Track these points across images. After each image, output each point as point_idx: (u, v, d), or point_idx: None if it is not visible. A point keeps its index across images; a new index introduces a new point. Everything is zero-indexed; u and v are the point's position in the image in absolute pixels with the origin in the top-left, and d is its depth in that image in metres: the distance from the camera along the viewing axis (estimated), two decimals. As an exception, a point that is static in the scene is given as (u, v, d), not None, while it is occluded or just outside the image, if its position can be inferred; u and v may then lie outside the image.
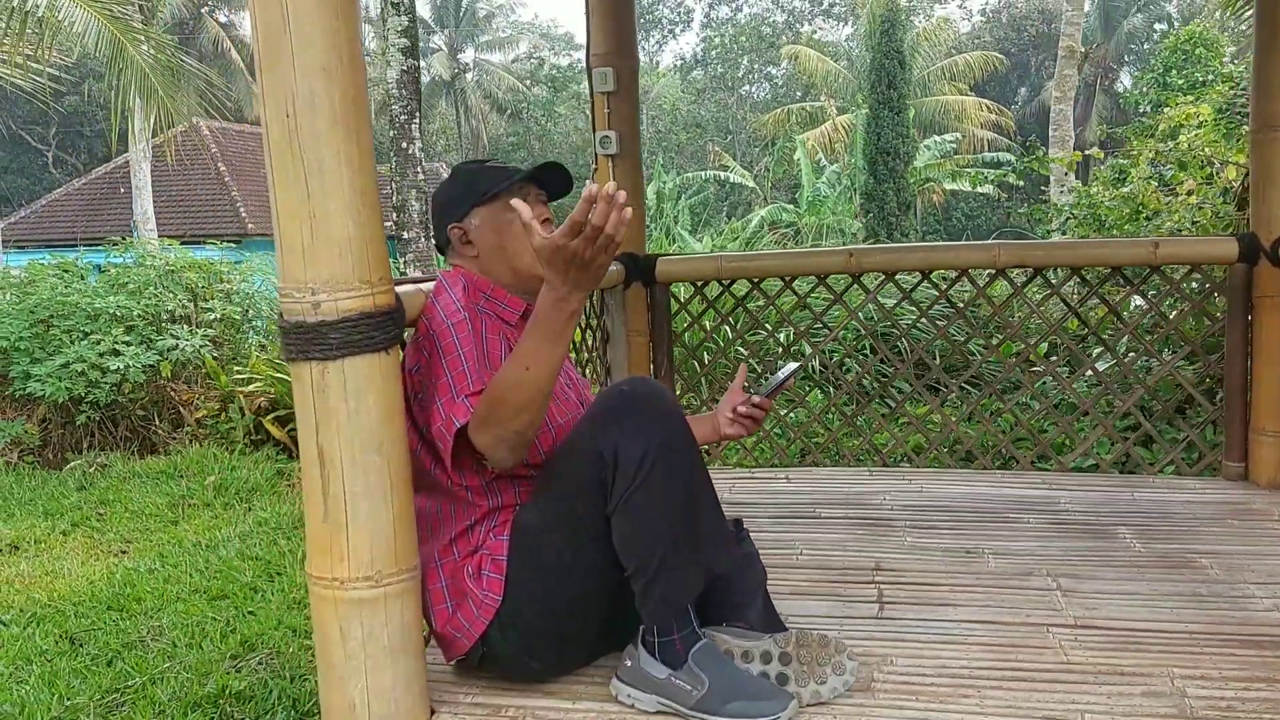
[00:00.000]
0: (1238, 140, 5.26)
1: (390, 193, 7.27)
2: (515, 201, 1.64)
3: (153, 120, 9.01)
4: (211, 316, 6.97)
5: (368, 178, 1.68)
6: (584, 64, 3.63)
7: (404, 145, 6.76)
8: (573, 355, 3.27)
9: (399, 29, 6.53)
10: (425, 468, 1.90)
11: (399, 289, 1.90)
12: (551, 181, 2.07)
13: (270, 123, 1.62)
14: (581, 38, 3.70)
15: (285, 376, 6.22)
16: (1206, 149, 5.37)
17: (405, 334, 2.01)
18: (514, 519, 1.86)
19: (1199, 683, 1.93)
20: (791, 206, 21.37)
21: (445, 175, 2.16)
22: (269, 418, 6.59)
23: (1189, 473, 3.52)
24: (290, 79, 1.60)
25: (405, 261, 7.00)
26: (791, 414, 4.61)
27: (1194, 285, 3.57)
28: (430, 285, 2.02)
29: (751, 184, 26.20)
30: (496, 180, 1.99)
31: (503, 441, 1.73)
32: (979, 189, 22.19)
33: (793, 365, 2.20)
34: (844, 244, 19.07)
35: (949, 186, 23.39)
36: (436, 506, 1.91)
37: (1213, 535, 2.82)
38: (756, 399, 2.14)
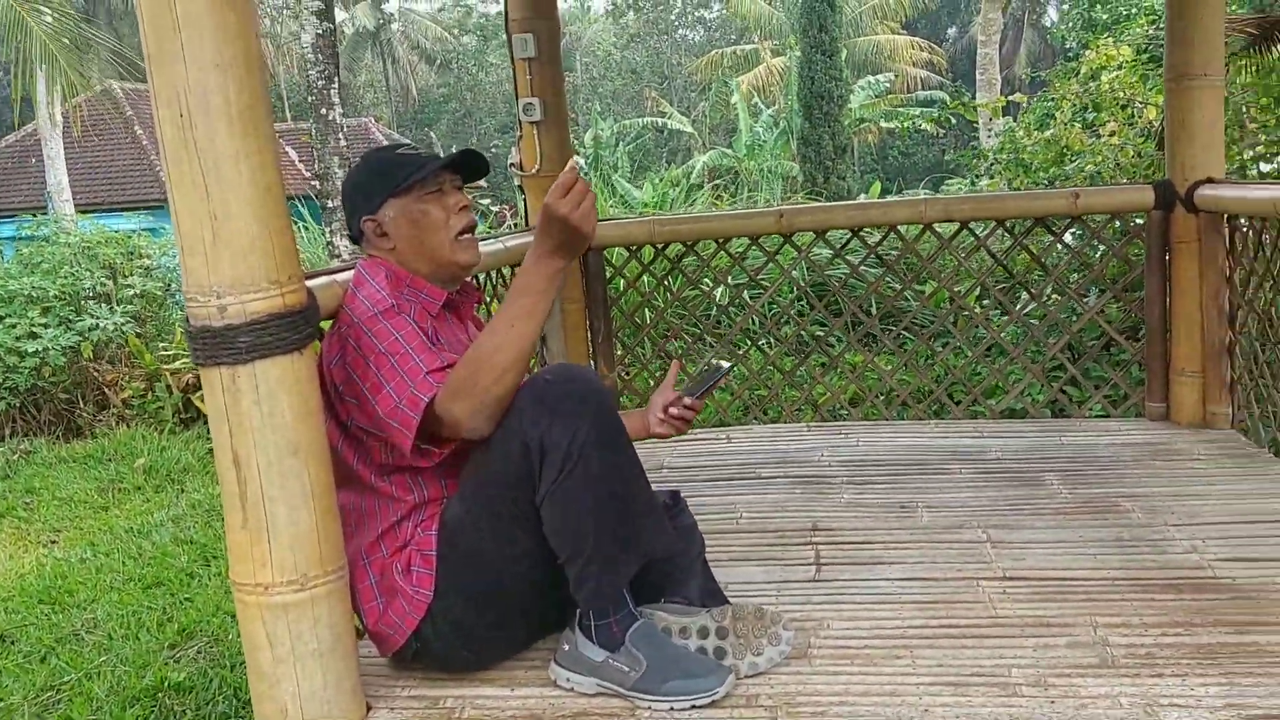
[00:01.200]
0: (1157, 81, 5.33)
1: (312, 160, 7.10)
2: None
3: (59, 88, 8.67)
4: (132, 293, 6.79)
5: (271, 173, 1.63)
6: (504, 8, 3.54)
7: (324, 111, 6.57)
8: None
9: (312, -10, 6.34)
10: (348, 463, 1.87)
11: (312, 283, 1.86)
12: (467, 168, 2.03)
13: (163, 123, 1.57)
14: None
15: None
16: (1127, 90, 5.43)
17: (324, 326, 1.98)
18: (441, 513, 1.85)
19: (1120, 630, 1.98)
20: (730, 151, 21.29)
21: (373, 129, 2.12)
22: (198, 395, 6.46)
23: (1114, 414, 3.61)
24: (183, 77, 1.54)
25: (331, 230, 6.86)
26: (734, 368, 4.64)
27: (1115, 229, 3.63)
28: (346, 276, 1.98)
29: (690, 129, 26.05)
30: (409, 170, 1.94)
31: (483, 409, 1.72)
32: (914, 128, 22.29)
33: (725, 366, 2.19)
34: (783, 188, 19.11)
35: (884, 125, 23.47)
36: (361, 503, 1.89)
37: (1135, 478, 2.89)
38: (687, 400, 2.13)
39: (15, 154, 19.17)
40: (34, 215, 7.81)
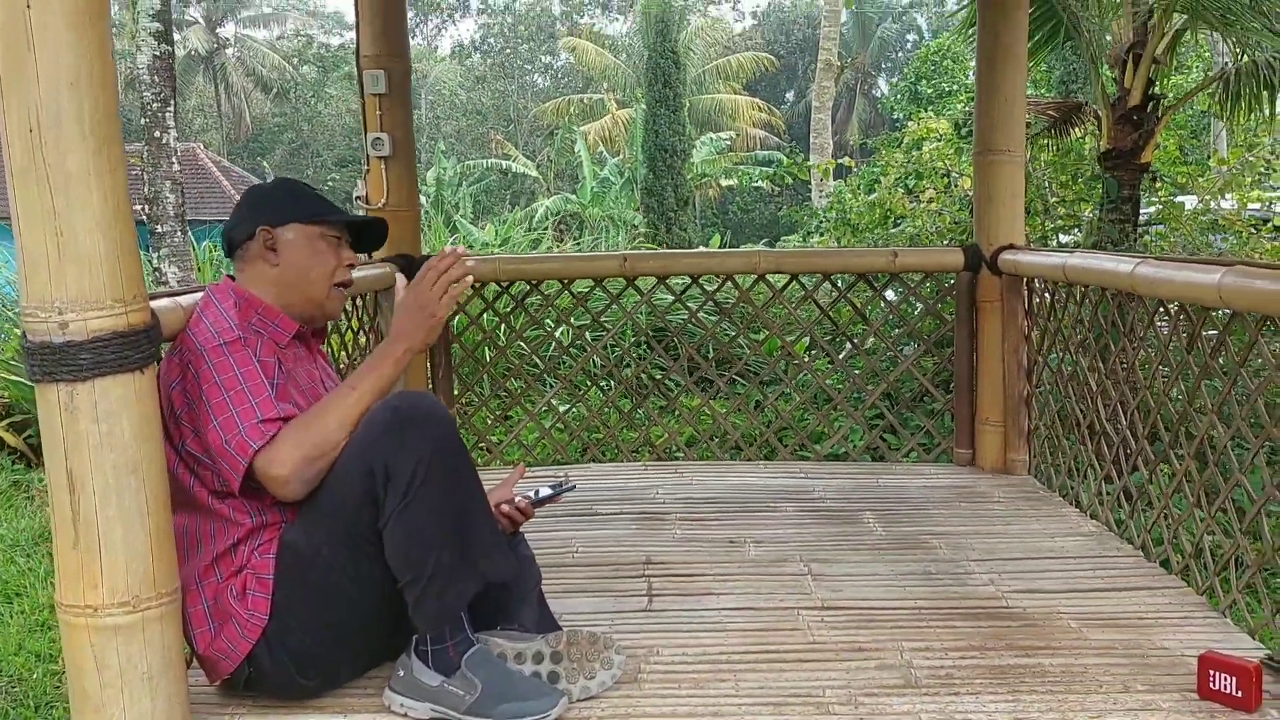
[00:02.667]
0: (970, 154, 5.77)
1: (142, 184, 6.84)
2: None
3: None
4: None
5: (119, 191, 1.63)
6: (355, 44, 3.57)
7: (157, 134, 6.36)
8: (345, 361, 3.24)
9: (150, 12, 6.14)
10: (183, 485, 1.85)
11: (156, 304, 1.85)
12: (365, 237, 2.13)
13: (12, 138, 1.55)
14: (352, 16, 3.65)
15: (23, 379, 5.76)
16: (945, 161, 5.87)
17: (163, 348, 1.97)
18: (281, 537, 1.85)
19: (924, 654, 2.15)
20: (574, 198, 21.57)
21: (200, 155, 2.15)
22: (3, 424, 6.08)
23: (927, 459, 3.87)
24: (34, 93, 1.53)
25: (160, 256, 6.60)
26: (572, 409, 4.72)
27: (929, 288, 3.93)
28: (190, 299, 1.97)
29: (534, 174, 26.22)
30: (325, 210, 2.03)
31: (300, 477, 1.77)
32: (753, 185, 23.17)
33: (568, 485, 2.27)
34: (627, 236, 19.47)
35: (724, 182, 24.28)
36: (196, 525, 1.87)
37: (942, 517, 3.13)
38: (522, 504, 2.19)
39: None
40: None
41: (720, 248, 12.12)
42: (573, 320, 4.14)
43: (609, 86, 27.81)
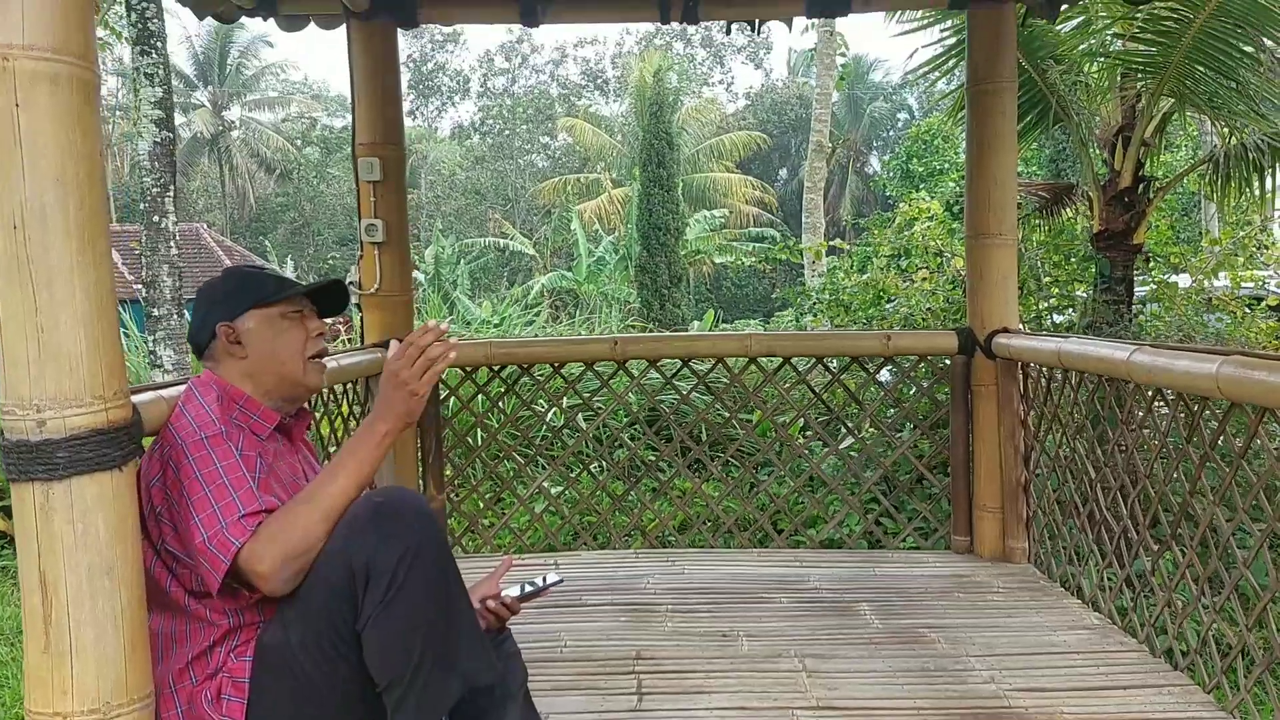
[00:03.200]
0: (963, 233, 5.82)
1: (141, 266, 6.88)
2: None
3: None
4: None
5: (104, 289, 1.61)
6: (351, 132, 3.61)
7: (156, 219, 6.40)
8: (332, 448, 3.20)
9: (152, 100, 6.23)
10: (160, 585, 1.80)
11: (139, 398, 1.82)
12: (328, 300, 2.07)
13: (-6, 232, 1.54)
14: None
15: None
16: (935, 241, 5.91)
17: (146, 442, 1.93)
18: (258, 638, 1.79)
19: (924, 758, 2.09)
20: (570, 275, 21.74)
21: (204, 235, 2.13)
22: (-3, 512, 6.00)
23: (924, 545, 3.81)
24: (20, 190, 1.52)
25: (155, 339, 6.60)
26: (565, 492, 4.67)
27: (923, 371, 3.91)
28: (173, 392, 1.95)
29: (531, 251, 26.48)
30: (277, 288, 1.98)
31: (286, 569, 1.71)
32: (747, 262, 23.39)
33: (555, 578, 2.20)
34: (621, 313, 19.57)
35: (718, 259, 24.50)
36: (172, 626, 1.81)
37: (941, 609, 3.06)
38: (508, 599, 2.13)
39: None
40: None
41: (714, 324, 12.17)
42: (564, 403, 4.11)
43: (605, 166, 28.23)
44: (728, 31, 4.19)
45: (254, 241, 32.15)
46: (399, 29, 3.69)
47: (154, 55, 6.26)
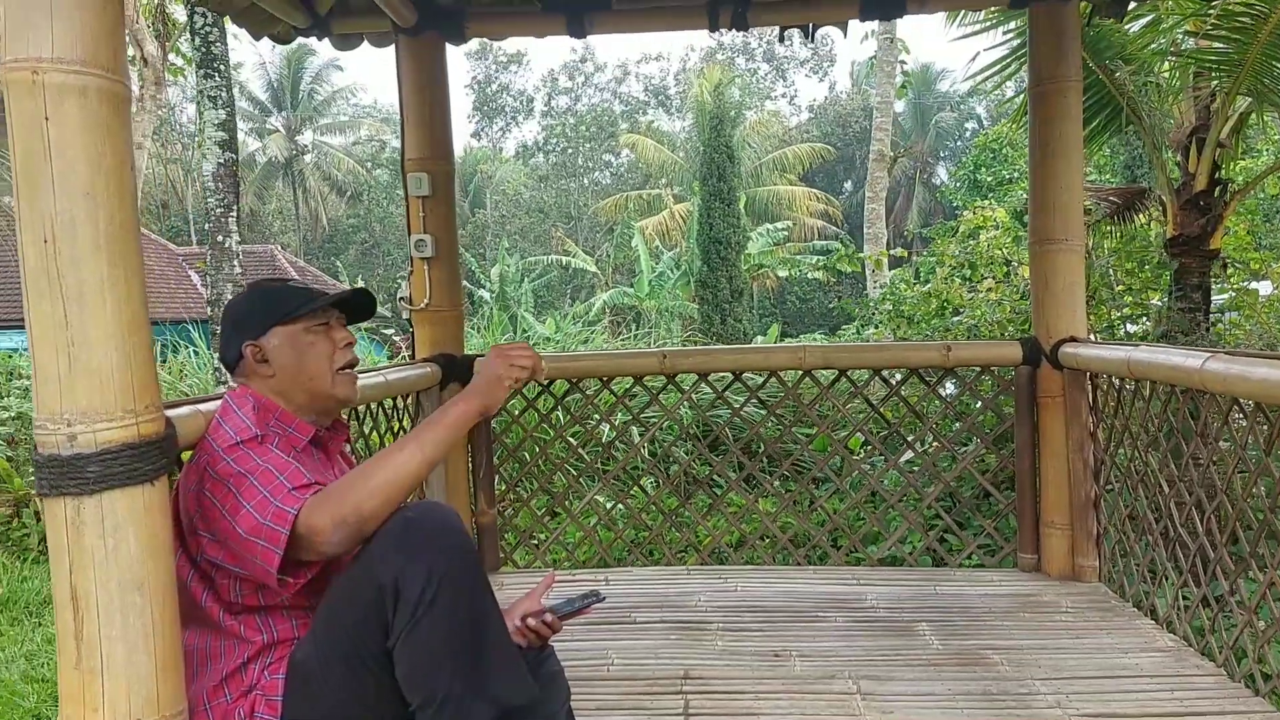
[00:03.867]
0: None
1: (207, 287, 7.03)
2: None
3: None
4: (8, 415, 6.49)
5: (136, 304, 1.60)
6: (400, 148, 3.62)
7: (220, 239, 6.53)
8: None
9: (215, 122, 6.36)
10: (196, 601, 1.79)
11: (175, 411, 1.82)
12: (355, 306, 2.04)
13: (27, 248, 1.54)
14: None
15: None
16: (1001, 250, 5.75)
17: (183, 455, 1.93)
18: (291, 655, 1.77)
19: (984, 787, 1.98)
20: (631, 291, 21.77)
21: (278, 256, 2.12)
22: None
23: (990, 563, 3.68)
24: (50, 204, 1.52)
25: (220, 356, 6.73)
26: (617, 507, 4.62)
27: (987, 383, 3.78)
28: (210, 406, 1.94)
29: (594, 269, 26.57)
30: (300, 302, 1.95)
31: (346, 523, 1.66)
32: (810, 275, 23.17)
33: (597, 597, 2.13)
34: (682, 328, 19.53)
35: (781, 274, 24.31)
36: (207, 643, 1.79)
37: (1005, 629, 2.94)
38: (549, 617, 2.07)
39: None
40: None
41: (778, 338, 12.05)
42: (615, 418, 4.06)
43: (667, 182, 28.25)
44: (781, 39, 4.13)
45: (326, 262, 32.79)
46: (448, 44, 3.70)
47: (217, 78, 6.40)
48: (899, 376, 3.86)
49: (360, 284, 27.00)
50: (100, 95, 1.55)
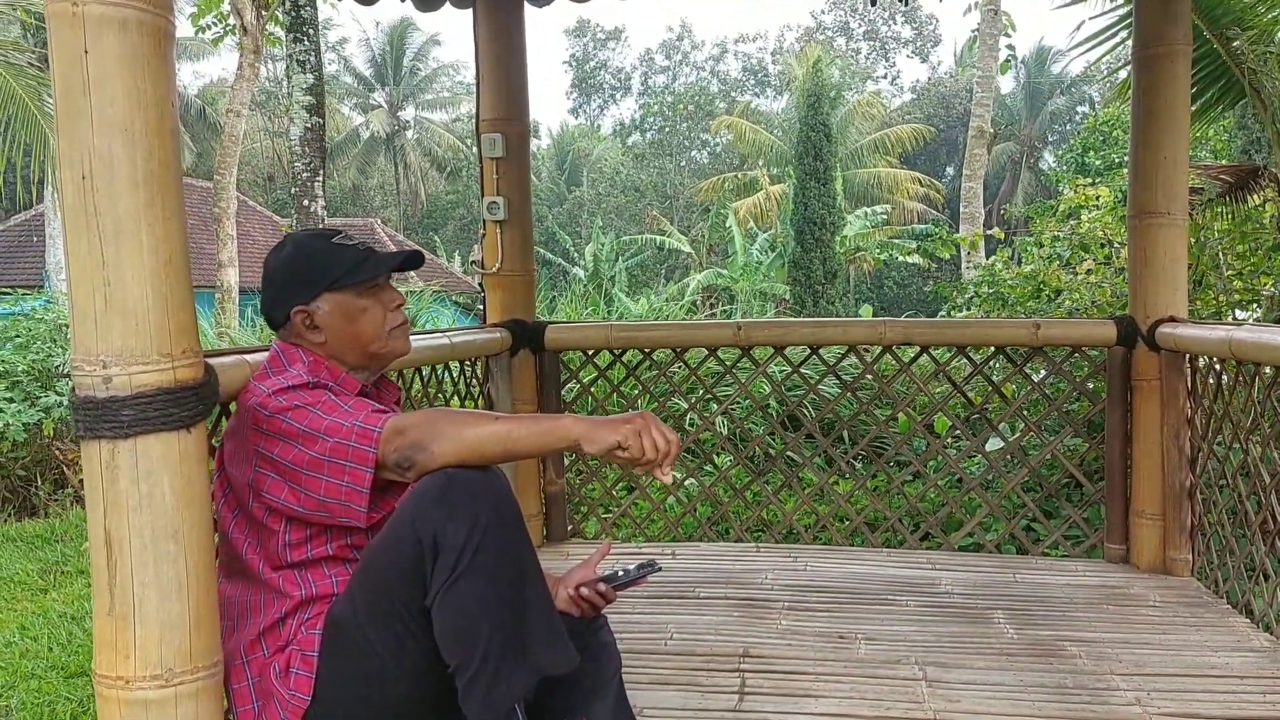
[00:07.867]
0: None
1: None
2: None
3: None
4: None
5: (174, 244, 1.57)
6: (475, 109, 3.57)
7: (306, 203, 6.61)
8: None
9: (304, 86, 6.43)
10: (236, 552, 1.77)
11: (219, 360, 1.80)
12: (405, 261, 1.98)
13: (65, 185, 1.52)
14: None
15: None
16: (1103, 230, 5.48)
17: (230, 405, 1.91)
18: (328, 611, 1.73)
19: (1050, 784, 1.86)
20: (725, 272, 21.60)
21: (378, 230, 2.08)
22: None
23: (1075, 553, 3.50)
24: (88, 139, 1.50)
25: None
26: (689, 480, 4.54)
27: (1078, 365, 3.59)
28: (257, 357, 1.92)
29: (688, 249, 26.44)
30: (351, 268, 1.87)
31: (440, 433, 1.65)
32: (909, 259, 22.64)
33: (653, 566, 2.04)
34: (775, 309, 19.30)
35: (880, 257, 23.82)
36: (247, 596, 1.77)
37: (1086, 621, 2.78)
38: (603, 587, 1.98)
39: (20, 234, 19.52)
40: (19, 291, 7.76)
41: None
42: (685, 390, 3.97)
43: (764, 163, 27.91)
44: (873, 1, 3.97)
45: (425, 237, 33.33)
46: (531, 5, 3.63)
47: (305, 42, 6.47)
48: (984, 357, 3.69)
49: (456, 260, 27.30)
50: (140, 28, 1.52)
